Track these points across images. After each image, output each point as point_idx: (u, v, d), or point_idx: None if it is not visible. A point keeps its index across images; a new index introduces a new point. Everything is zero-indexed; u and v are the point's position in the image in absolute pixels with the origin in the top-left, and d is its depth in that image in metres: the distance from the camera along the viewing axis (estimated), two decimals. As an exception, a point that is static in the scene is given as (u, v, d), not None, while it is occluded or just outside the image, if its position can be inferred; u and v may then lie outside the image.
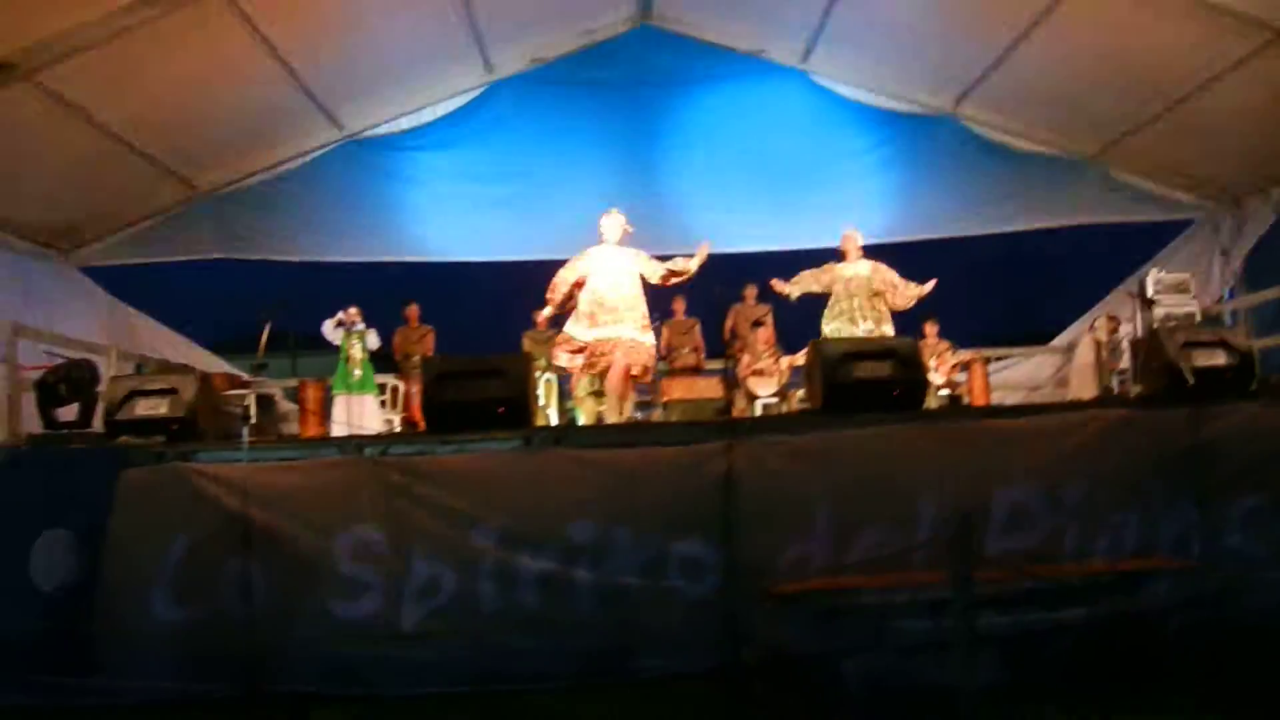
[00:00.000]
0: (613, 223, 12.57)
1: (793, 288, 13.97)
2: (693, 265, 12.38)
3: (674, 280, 12.55)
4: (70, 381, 10.50)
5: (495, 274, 17.90)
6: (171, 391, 9.88)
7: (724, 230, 16.04)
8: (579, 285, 12.39)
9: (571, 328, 12.30)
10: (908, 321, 14.41)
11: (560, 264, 12.60)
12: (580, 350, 12.19)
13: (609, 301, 12.19)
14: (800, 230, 17.11)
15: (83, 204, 15.33)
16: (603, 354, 12.12)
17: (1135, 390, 13.02)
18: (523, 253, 17.09)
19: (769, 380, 14.82)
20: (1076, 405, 11.69)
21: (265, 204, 16.96)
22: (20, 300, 14.34)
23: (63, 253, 15.96)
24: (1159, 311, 14.98)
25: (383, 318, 15.77)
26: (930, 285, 13.77)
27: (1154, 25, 13.42)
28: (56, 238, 15.68)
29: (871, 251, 14.42)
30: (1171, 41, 13.63)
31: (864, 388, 9.89)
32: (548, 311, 12.61)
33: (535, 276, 12.94)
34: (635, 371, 12.24)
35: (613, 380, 12.14)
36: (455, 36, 15.81)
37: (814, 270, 14.11)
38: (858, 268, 13.99)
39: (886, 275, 13.89)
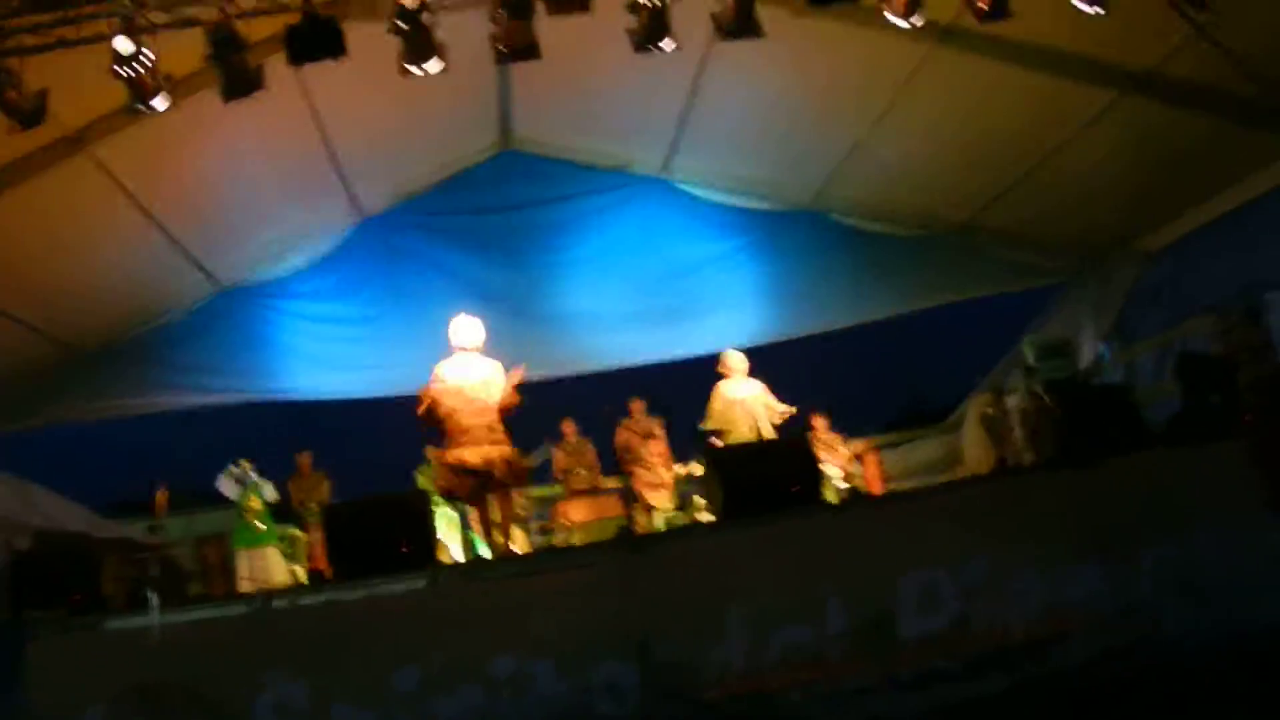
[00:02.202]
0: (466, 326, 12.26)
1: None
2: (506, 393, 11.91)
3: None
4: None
5: (379, 410, 17.81)
6: (73, 560, 9.77)
7: (606, 346, 16.17)
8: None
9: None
10: (795, 416, 14.61)
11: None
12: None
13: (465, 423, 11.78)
14: (680, 339, 17.26)
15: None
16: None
17: (1028, 459, 13.20)
18: (403, 387, 17.01)
19: (666, 492, 14.85)
20: (972, 481, 11.86)
21: (141, 357, 16.72)
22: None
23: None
24: (1042, 377, 15.20)
25: (275, 467, 15.64)
26: (791, 410, 14.22)
27: (1002, 95, 13.78)
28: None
29: (750, 354, 14.62)
30: (1021, 109, 13.98)
31: (761, 489, 9.95)
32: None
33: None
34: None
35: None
36: (321, 179, 15.82)
37: (713, 405, 14.36)
38: (749, 388, 14.21)
39: (767, 398, 14.22)
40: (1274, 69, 12.35)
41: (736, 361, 14.59)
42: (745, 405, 14.17)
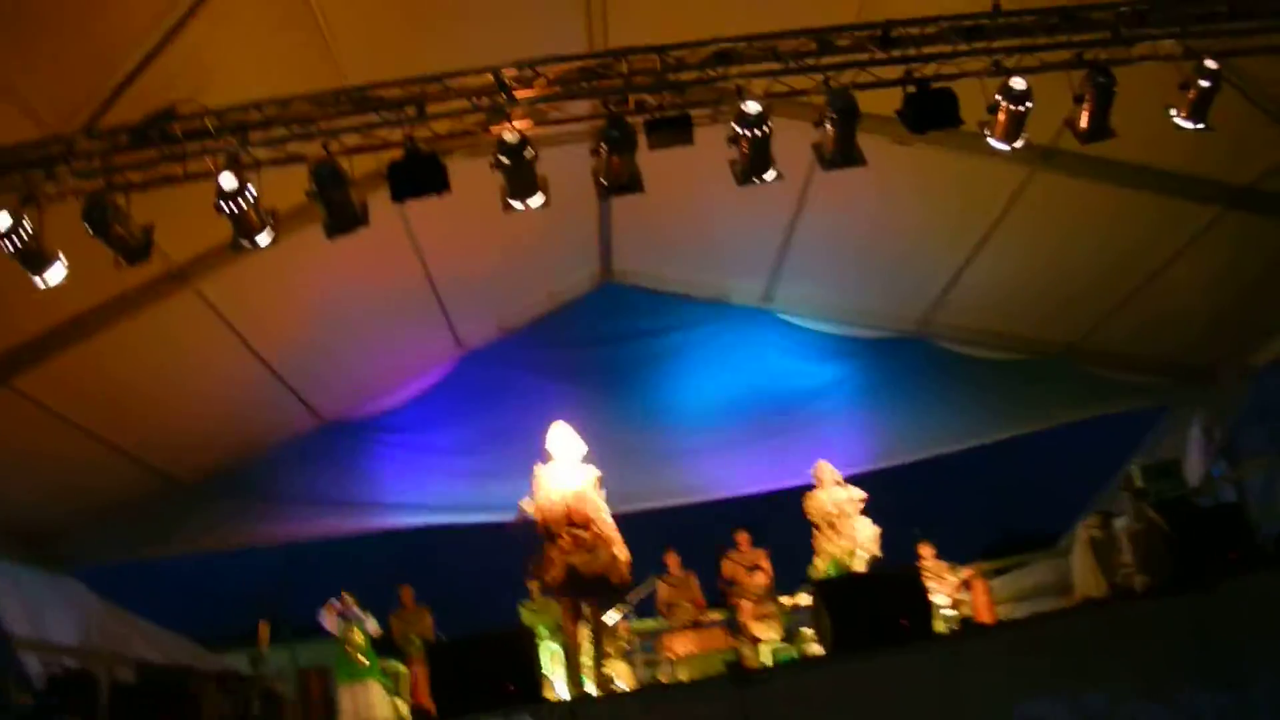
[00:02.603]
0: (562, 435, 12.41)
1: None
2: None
3: None
4: (70, 695, 10.36)
5: (477, 541, 17.81)
6: (173, 692, 9.77)
7: (710, 477, 16.06)
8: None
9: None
10: (902, 546, 14.42)
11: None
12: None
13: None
14: (783, 470, 17.00)
15: (65, 504, 15.11)
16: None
17: (1140, 582, 12.90)
18: (505, 516, 17.06)
19: (773, 624, 14.63)
20: (1085, 607, 11.61)
21: (243, 490, 16.74)
22: (11, 608, 14.08)
23: (49, 556, 15.70)
24: (1152, 499, 14.89)
25: (377, 600, 15.60)
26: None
27: (1104, 215, 13.70)
28: (42, 541, 15.42)
29: (854, 481, 14.50)
30: (1123, 228, 13.88)
31: (872, 622, 9.79)
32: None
33: (519, 541, 12.76)
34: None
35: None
36: (424, 314, 15.98)
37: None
38: (833, 494, 14.16)
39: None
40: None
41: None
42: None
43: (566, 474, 12.15)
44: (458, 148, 10.22)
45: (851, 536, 14.16)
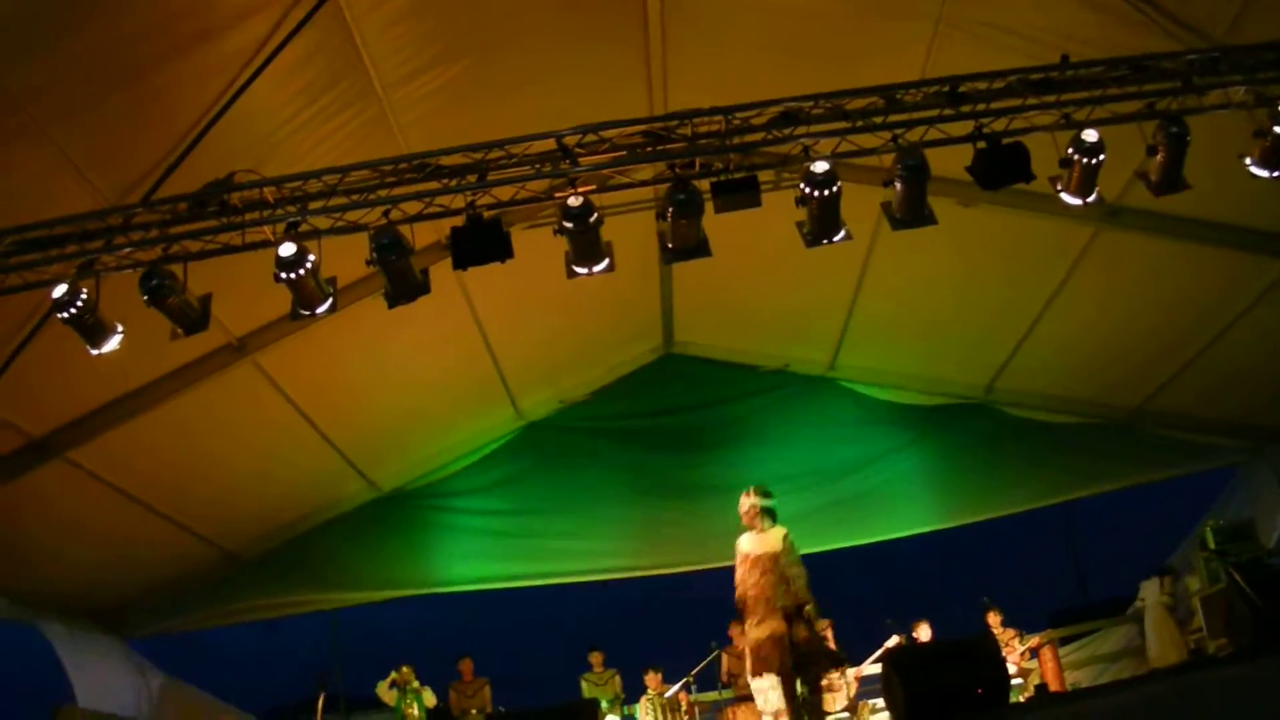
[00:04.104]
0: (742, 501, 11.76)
1: None
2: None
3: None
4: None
5: (542, 605, 17.73)
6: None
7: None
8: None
9: None
10: (970, 614, 14.16)
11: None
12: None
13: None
14: (846, 533, 16.92)
15: (121, 575, 15.22)
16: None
17: (1218, 647, 12.61)
18: (569, 577, 17.06)
19: (838, 695, 14.37)
20: (1163, 674, 11.34)
21: (304, 562, 16.83)
22: (70, 675, 14.04)
23: (107, 626, 15.70)
24: (1229, 560, 14.59)
25: (434, 673, 15.51)
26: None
27: (1172, 272, 13.48)
28: (102, 614, 15.49)
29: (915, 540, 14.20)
30: (1191, 284, 13.68)
31: (946, 692, 9.54)
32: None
33: (573, 605, 12.68)
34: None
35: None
36: (484, 387, 16.02)
37: None
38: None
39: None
40: None
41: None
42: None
43: (751, 540, 11.51)
44: (519, 217, 10.14)
45: None
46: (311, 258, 9.05)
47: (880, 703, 13.28)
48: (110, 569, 14.76)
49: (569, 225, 9.11)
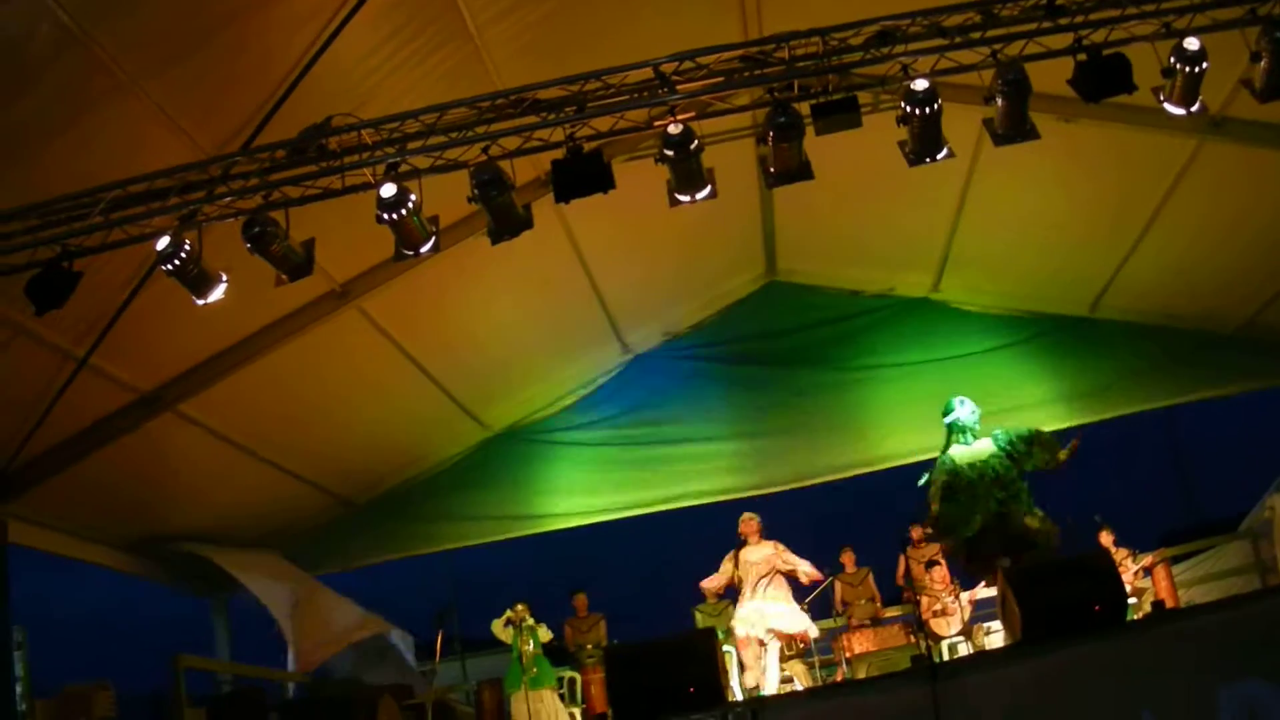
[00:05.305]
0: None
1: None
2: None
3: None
4: (238, 709, 10.48)
5: (648, 533, 17.79)
6: (345, 705, 9.83)
7: (884, 452, 15.96)
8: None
9: None
10: (1084, 534, 13.97)
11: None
12: None
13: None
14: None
15: (240, 523, 15.57)
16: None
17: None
18: (678, 503, 17.34)
19: (952, 619, 14.32)
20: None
21: (417, 505, 17.18)
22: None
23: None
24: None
25: (549, 609, 15.62)
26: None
27: (1276, 188, 13.13)
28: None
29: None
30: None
31: (1064, 610, 9.50)
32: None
33: (681, 534, 12.99)
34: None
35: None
36: (590, 323, 16.20)
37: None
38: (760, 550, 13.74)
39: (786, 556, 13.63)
40: None
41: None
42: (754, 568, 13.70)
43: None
44: (619, 150, 10.14)
45: None
46: (413, 197, 9.09)
47: (994, 625, 13.21)
48: (229, 517, 15.13)
49: (670, 154, 9.08)
